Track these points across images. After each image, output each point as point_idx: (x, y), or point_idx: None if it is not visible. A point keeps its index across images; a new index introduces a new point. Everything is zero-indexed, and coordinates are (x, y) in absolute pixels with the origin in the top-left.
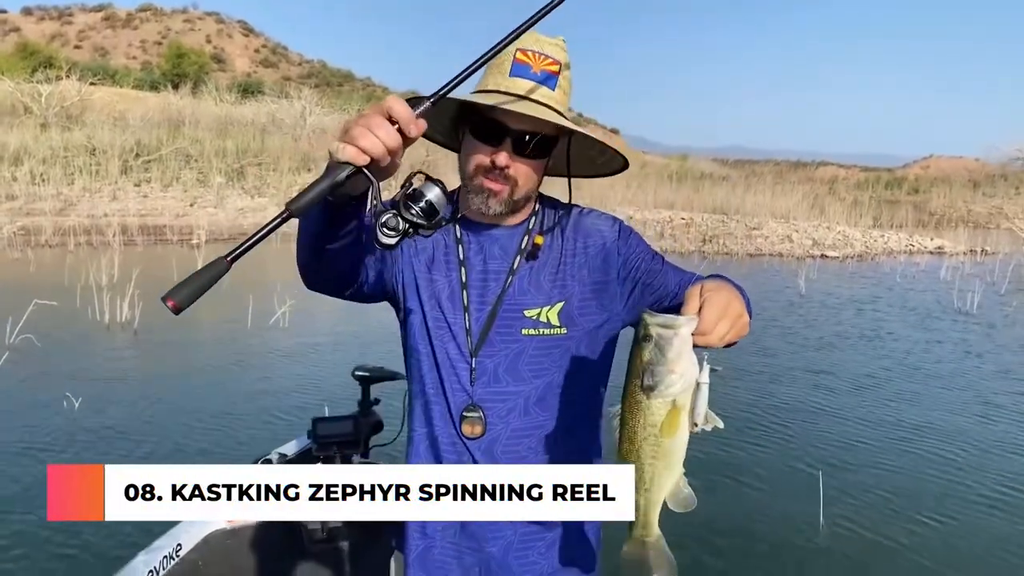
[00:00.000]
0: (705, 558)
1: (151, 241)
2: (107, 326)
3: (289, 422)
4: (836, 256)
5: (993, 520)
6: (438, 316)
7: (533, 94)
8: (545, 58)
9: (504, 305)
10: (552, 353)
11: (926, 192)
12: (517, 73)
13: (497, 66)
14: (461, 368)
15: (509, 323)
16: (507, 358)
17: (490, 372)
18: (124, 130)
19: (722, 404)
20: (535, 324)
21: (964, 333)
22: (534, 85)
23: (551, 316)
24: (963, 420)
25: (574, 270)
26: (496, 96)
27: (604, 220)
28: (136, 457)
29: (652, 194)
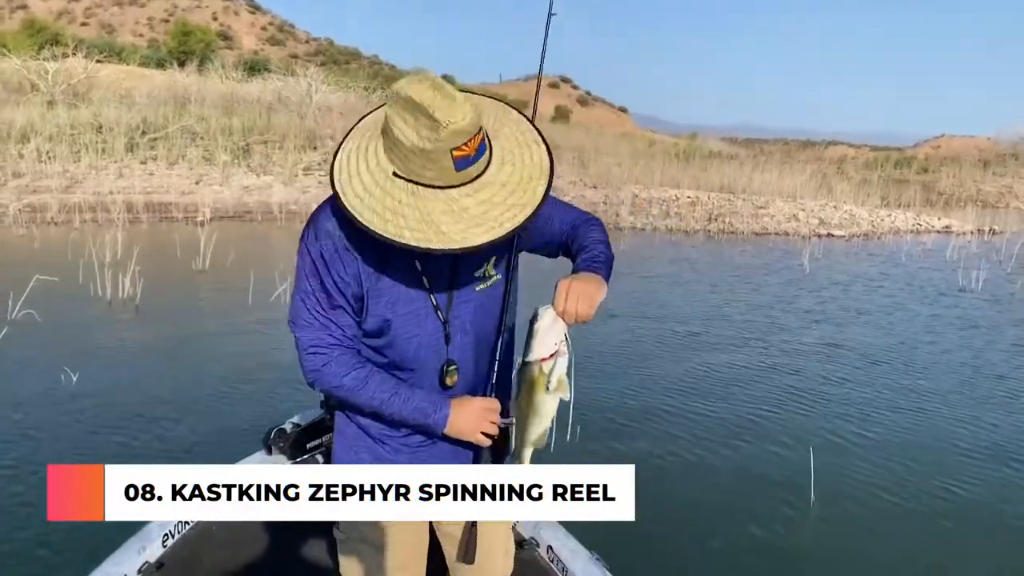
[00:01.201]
0: (694, 535)
1: (156, 218)
2: (109, 302)
3: (293, 396)
4: (842, 235)
5: (989, 496)
6: (401, 307)
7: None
8: (473, 139)
9: (459, 273)
10: (493, 297)
11: (935, 172)
12: (461, 166)
13: (435, 163)
14: (431, 344)
15: (468, 286)
16: (470, 313)
17: (458, 330)
18: (130, 108)
19: (716, 380)
20: (483, 279)
21: (967, 311)
22: (477, 166)
23: (489, 269)
24: (962, 396)
25: None
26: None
27: None
28: (140, 434)
29: (659, 173)
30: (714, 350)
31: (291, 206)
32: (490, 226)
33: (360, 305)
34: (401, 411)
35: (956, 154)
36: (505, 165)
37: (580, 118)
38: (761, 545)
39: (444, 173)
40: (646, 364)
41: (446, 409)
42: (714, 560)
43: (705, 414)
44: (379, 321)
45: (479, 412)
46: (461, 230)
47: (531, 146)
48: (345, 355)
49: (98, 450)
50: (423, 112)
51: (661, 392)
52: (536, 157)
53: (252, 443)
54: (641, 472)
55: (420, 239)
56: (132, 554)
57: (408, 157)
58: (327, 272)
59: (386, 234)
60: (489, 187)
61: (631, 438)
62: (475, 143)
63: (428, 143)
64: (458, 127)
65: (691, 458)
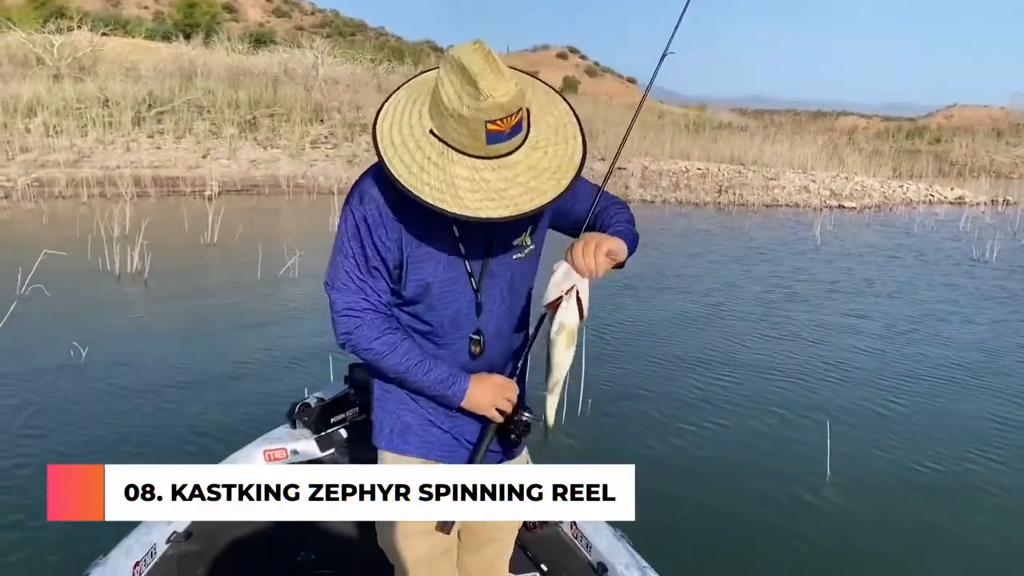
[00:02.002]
0: (710, 510)
1: (164, 193)
2: (118, 276)
3: (305, 369)
4: (853, 206)
5: (1007, 469)
6: (439, 275)
7: (510, 151)
8: (510, 116)
9: (499, 242)
10: (529, 266)
11: (948, 142)
12: (493, 140)
13: (470, 131)
14: (467, 311)
15: (505, 255)
16: (506, 282)
17: (493, 300)
18: (136, 81)
19: (728, 353)
20: (520, 249)
21: (982, 282)
22: (509, 144)
23: (527, 240)
24: (979, 368)
25: None
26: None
27: None
28: (155, 411)
29: (669, 144)
30: (725, 323)
31: (298, 179)
32: (505, 204)
33: (399, 272)
34: (423, 380)
35: (969, 124)
36: (537, 150)
37: (588, 89)
38: (775, 518)
39: (475, 143)
40: (657, 335)
41: (465, 383)
42: (732, 535)
43: (717, 386)
44: (418, 287)
45: (495, 388)
46: (477, 200)
47: (569, 140)
48: (377, 319)
49: (111, 427)
50: (469, 79)
51: (673, 363)
52: (570, 150)
53: (264, 419)
54: (653, 445)
55: (437, 199)
56: (160, 523)
57: (446, 119)
58: (369, 237)
59: (408, 185)
60: (515, 167)
61: (642, 411)
62: (511, 121)
63: (467, 109)
64: (498, 101)
65: (704, 430)
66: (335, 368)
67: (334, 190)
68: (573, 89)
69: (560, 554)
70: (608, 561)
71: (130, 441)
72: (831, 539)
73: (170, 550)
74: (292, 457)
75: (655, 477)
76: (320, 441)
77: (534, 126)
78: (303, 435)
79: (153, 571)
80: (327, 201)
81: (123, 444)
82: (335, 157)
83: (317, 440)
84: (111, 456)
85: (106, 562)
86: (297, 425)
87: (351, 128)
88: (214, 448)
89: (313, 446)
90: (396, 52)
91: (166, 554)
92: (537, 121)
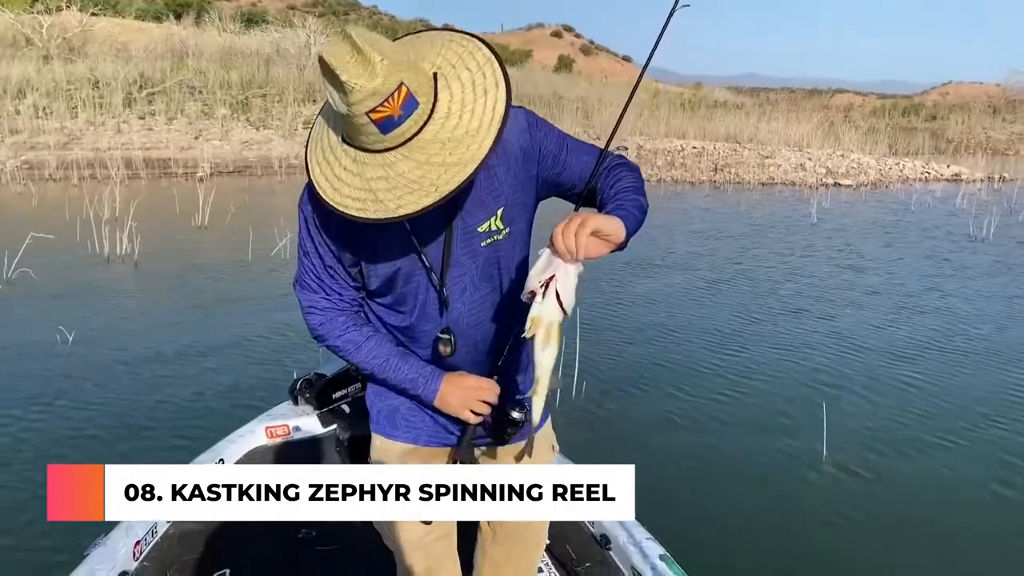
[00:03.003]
0: (706, 492)
1: (155, 174)
2: (107, 259)
3: (295, 349)
4: (850, 184)
5: (1002, 446)
6: (399, 270)
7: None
8: (391, 97)
9: (459, 232)
10: (505, 250)
11: (944, 119)
12: (387, 128)
13: (360, 127)
14: (432, 305)
15: (468, 243)
16: (475, 271)
17: (459, 293)
18: (127, 62)
19: (723, 332)
20: (488, 235)
21: (978, 259)
22: (407, 127)
23: (497, 223)
24: (975, 344)
25: (502, 176)
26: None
27: (512, 120)
28: (143, 395)
29: (664, 123)
30: (721, 301)
31: (291, 160)
32: (426, 191)
33: (357, 269)
34: (393, 378)
35: (964, 101)
36: (450, 118)
37: (583, 67)
38: (771, 498)
39: (373, 137)
40: (653, 314)
41: (435, 384)
42: (726, 514)
43: (713, 365)
44: (380, 280)
45: (467, 391)
46: (395, 197)
47: (488, 91)
48: (340, 316)
49: (97, 417)
50: (333, 76)
51: (668, 341)
52: (491, 102)
53: (263, 397)
54: (648, 423)
55: (360, 208)
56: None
57: (345, 122)
58: (319, 234)
59: (332, 202)
60: (428, 147)
61: (638, 391)
62: (397, 102)
63: (344, 107)
64: (367, 88)
65: (699, 410)
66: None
67: None
68: (568, 68)
69: (563, 525)
70: (611, 533)
71: (124, 423)
72: (825, 518)
73: (171, 528)
74: (294, 433)
75: (652, 464)
76: (322, 417)
77: (444, 90)
78: (305, 411)
79: (154, 549)
80: None
81: (117, 426)
82: None
83: (319, 416)
84: (105, 439)
85: (107, 541)
86: (299, 401)
87: None
88: (213, 427)
89: (315, 422)
90: (389, 31)
91: (167, 532)
92: (450, 83)
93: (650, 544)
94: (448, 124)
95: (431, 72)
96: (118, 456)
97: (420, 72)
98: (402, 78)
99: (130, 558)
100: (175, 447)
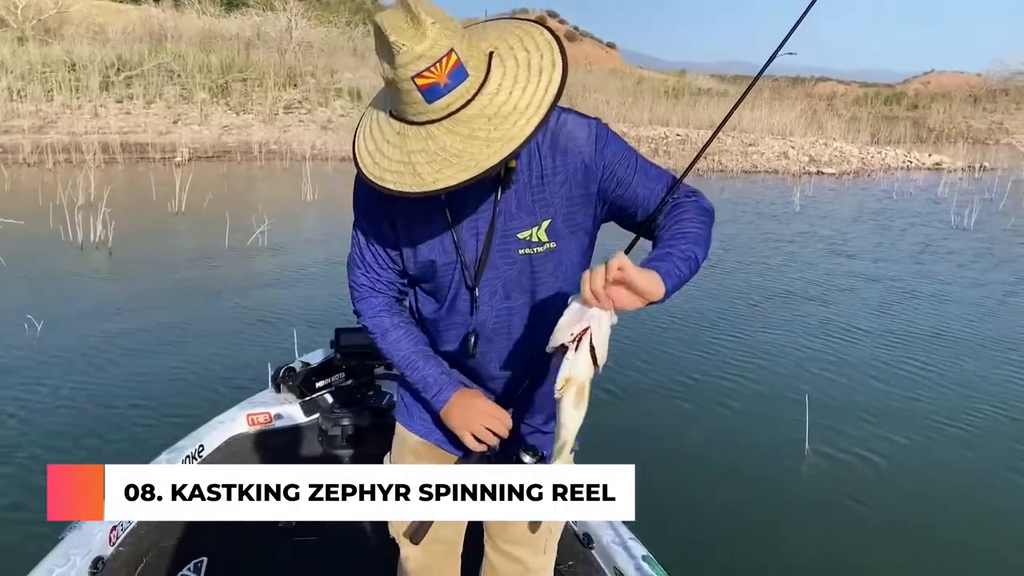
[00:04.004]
0: (689, 485)
1: (133, 159)
2: (80, 246)
3: (271, 338)
4: (832, 172)
5: (980, 438)
6: (435, 261)
7: (463, 104)
8: (439, 63)
9: (499, 232)
10: (546, 266)
11: (925, 108)
12: (432, 96)
13: (405, 95)
14: (463, 302)
15: (505, 247)
16: (508, 277)
17: (488, 293)
18: (104, 44)
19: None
20: (528, 244)
21: (960, 249)
22: (453, 97)
23: (540, 235)
24: (957, 336)
25: (555, 187)
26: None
27: (581, 130)
28: (118, 388)
29: (648, 111)
30: (699, 291)
31: (271, 145)
32: (464, 166)
33: (398, 252)
34: (411, 376)
35: (946, 90)
36: (500, 94)
37: (568, 53)
38: (752, 497)
39: (418, 106)
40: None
41: (447, 394)
42: (708, 514)
43: (693, 362)
44: (420, 266)
45: (475, 414)
46: (434, 171)
47: (544, 71)
48: (376, 298)
49: (69, 408)
50: (383, 39)
51: (643, 335)
52: (544, 82)
53: (244, 386)
54: (627, 422)
55: (398, 181)
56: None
57: (391, 93)
58: (365, 215)
59: (371, 176)
60: (473, 121)
61: (614, 387)
62: (444, 69)
63: (391, 71)
64: (414, 51)
65: (678, 406)
66: (310, 336)
67: (307, 156)
68: None
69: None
70: (594, 533)
71: (98, 413)
72: (809, 515)
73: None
74: (276, 421)
75: (631, 452)
76: (304, 405)
77: (498, 67)
78: (287, 399)
79: (131, 535)
80: (300, 168)
81: (90, 416)
82: (309, 123)
83: (302, 404)
84: (77, 431)
85: (82, 525)
86: (281, 389)
87: (325, 93)
88: (191, 414)
89: (297, 410)
90: (372, 15)
91: (144, 519)
92: (504, 61)
93: (633, 544)
94: (497, 99)
95: (488, 51)
96: (95, 445)
97: (474, 46)
98: (452, 45)
99: (106, 543)
100: (153, 435)
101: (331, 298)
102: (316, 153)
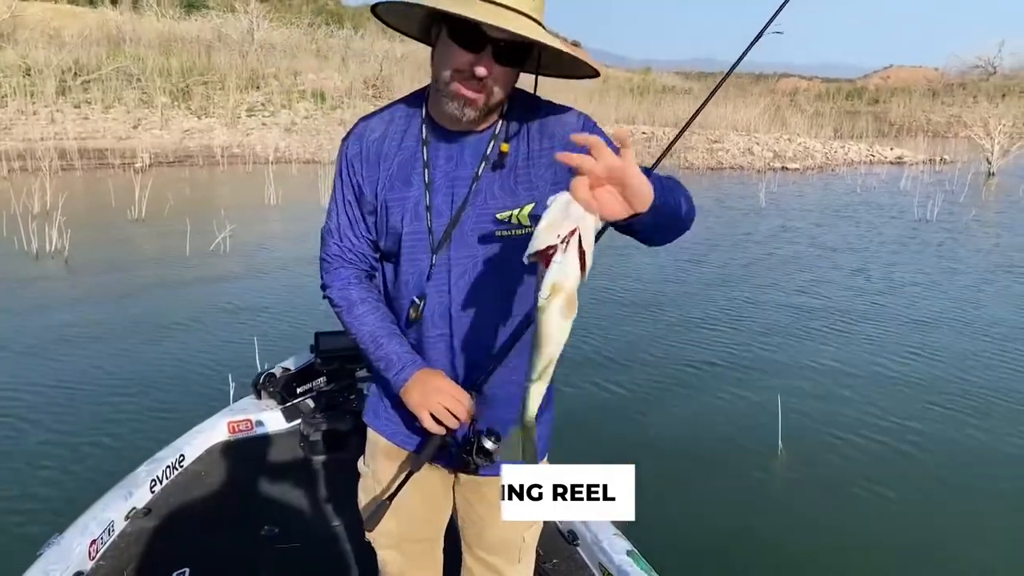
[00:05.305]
0: (672, 481)
1: (91, 165)
2: (35, 255)
3: (237, 346)
4: (797, 168)
5: (952, 436)
6: (406, 227)
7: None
8: None
9: (476, 209)
10: (518, 251)
11: (886, 102)
12: None
13: None
14: (422, 265)
15: (482, 226)
16: (482, 257)
17: (459, 271)
18: (60, 48)
19: (678, 324)
20: (508, 226)
21: (924, 242)
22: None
23: (521, 218)
24: (928, 333)
25: (541, 171)
26: (477, 4)
27: (571, 116)
28: (77, 400)
29: (613, 109)
30: (669, 294)
31: (234, 149)
32: (506, 19)
33: (374, 219)
34: (374, 353)
35: (905, 85)
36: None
37: None
38: (735, 491)
39: None
40: (600, 309)
41: (408, 372)
42: (692, 509)
43: (664, 360)
44: (391, 238)
45: (434, 391)
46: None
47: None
48: (345, 269)
49: (30, 427)
50: None
51: (612, 333)
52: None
53: (209, 399)
54: (607, 419)
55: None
56: (119, 500)
57: None
58: (349, 175)
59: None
60: (517, 19)
61: (590, 385)
62: None
63: None
64: None
65: (657, 403)
66: (274, 341)
67: (271, 159)
68: None
69: None
70: (579, 529)
71: (76, 430)
72: (782, 512)
73: (129, 527)
74: (257, 428)
75: (615, 461)
76: (286, 411)
77: None
78: (268, 405)
79: (111, 549)
80: (263, 171)
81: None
82: (272, 125)
83: (283, 410)
84: (59, 447)
85: (61, 540)
86: (263, 396)
87: (289, 95)
88: (173, 427)
89: (278, 416)
90: (335, 16)
91: (124, 531)
92: None
93: (617, 540)
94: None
95: None
96: (68, 464)
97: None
98: None
99: (85, 558)
100: (132, 446)
101: (297, 302)
102: (280, 156)
